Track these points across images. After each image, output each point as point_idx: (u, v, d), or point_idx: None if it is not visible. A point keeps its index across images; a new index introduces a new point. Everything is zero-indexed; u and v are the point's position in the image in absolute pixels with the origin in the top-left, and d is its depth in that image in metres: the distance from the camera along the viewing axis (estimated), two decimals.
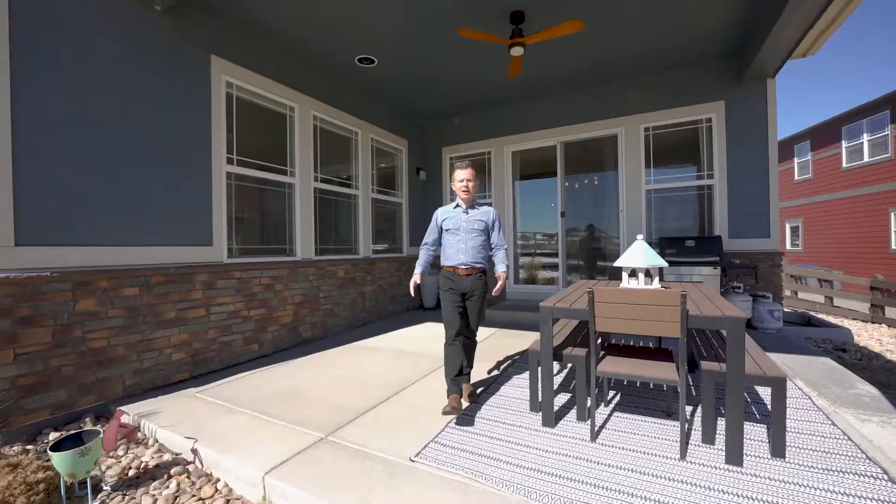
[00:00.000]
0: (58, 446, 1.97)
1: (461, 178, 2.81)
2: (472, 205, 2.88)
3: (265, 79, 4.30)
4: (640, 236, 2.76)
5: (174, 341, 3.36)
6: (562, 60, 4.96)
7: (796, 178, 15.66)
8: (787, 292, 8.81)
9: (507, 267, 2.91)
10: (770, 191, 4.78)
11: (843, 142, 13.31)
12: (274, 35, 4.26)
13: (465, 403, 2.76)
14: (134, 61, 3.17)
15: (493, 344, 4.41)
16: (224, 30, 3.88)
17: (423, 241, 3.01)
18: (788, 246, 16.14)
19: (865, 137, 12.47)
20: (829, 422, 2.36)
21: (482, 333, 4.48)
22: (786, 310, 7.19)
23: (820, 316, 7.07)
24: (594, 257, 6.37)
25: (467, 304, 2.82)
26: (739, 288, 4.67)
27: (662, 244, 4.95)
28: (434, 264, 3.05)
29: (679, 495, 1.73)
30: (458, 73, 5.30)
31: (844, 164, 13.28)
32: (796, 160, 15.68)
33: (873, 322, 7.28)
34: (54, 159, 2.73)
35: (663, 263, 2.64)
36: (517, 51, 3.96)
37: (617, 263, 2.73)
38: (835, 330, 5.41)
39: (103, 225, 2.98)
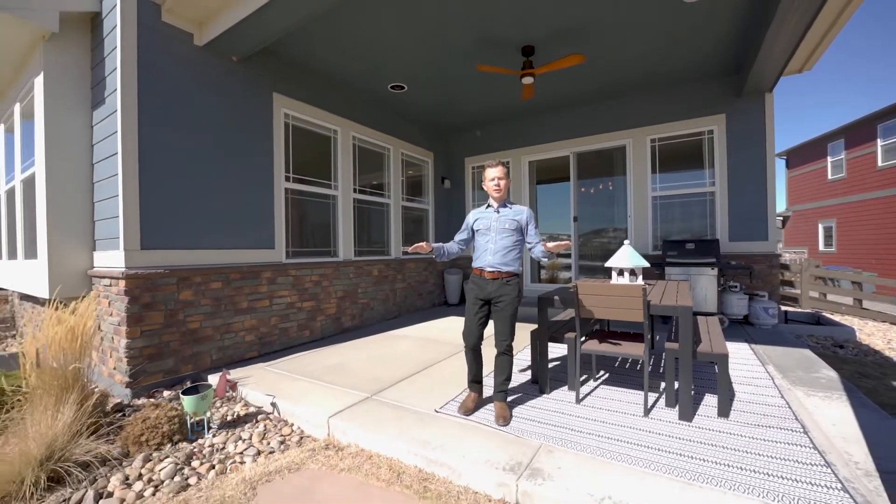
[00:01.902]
0: (185, 393, 2.77)
1: (492, 176, 2.71)
2: (504, 203, 2.79)
3: (313, 108, 5.10)
4: (626, 242, 3.34)
5: (246, 325, 4.18)
6: (571, 83, 5.51)
7: (829, 177, 15.28)
8: (814, 294, 8.78)
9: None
10: (767, 197, 5.15)
11: (879, 140, 12.97)
12: (320, 72, 5.08)
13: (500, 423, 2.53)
14: (218, 103, 4.01)
15: None
16: (281, 70, 4.69)
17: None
18: (821, 247, 15.73)
19: None
20: (780, 395, 2.85)
21: None
22: (807, 310, 7.36)
23: (844, 318, 7.15)
24: (607, 258, 6.82)
25: (493, 311, 2.67)
26: (736, 287, 5.06)
27: (665, 247, 5.40)
28: (459, 265, 3.64)
29: (635, 437, 2.31)
30: (478, 96, 5.95)
31: (880, 163, 12.95)
32: (829, 159, 15.30)
33: None
34: (165, 184, 3.59)
35: (645, 264, 3.21)
36: (528, 80, 4.57)
37: (607, 264, 3.31)
38: (839, 328, 5.67)
39: (198, 233, 3.82)
